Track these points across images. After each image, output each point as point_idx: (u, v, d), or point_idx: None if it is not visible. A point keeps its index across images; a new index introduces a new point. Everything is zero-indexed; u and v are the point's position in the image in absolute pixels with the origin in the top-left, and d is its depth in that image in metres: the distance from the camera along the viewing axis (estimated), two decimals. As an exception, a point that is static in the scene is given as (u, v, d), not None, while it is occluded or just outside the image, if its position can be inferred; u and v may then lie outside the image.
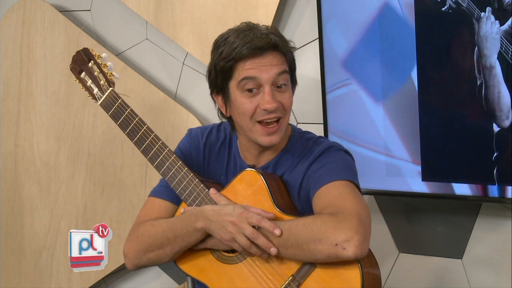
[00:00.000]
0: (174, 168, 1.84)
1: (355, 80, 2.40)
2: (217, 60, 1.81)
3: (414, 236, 2.48)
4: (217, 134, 1.95)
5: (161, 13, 2.79)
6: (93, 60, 1.97)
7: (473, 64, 2.16)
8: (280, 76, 1.78)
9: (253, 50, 1.76)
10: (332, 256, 1.61)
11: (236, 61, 1.77)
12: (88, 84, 1.97)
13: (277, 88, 1.79)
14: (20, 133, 3.05)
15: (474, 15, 2.14)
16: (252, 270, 1.73)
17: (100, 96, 1.95)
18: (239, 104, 1.79)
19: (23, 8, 3.02)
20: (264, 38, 1.78)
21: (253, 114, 1.78)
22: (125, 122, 1.91)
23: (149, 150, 1.88)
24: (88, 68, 1.97)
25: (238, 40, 1.77)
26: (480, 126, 2.19)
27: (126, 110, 1.92)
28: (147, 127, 1.89)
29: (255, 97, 1.78)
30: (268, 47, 1.77)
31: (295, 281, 1.67)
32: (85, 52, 1.99)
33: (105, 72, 1.95)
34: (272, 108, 1.76)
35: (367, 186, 2.32)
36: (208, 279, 1.77)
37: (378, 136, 2.37)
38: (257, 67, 1.76)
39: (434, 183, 2.29)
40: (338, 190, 1.73)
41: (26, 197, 3.05)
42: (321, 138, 1.90)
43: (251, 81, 1.77)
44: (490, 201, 2.24)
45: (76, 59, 2.00)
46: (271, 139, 1.79)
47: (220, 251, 1.77)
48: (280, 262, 1.70)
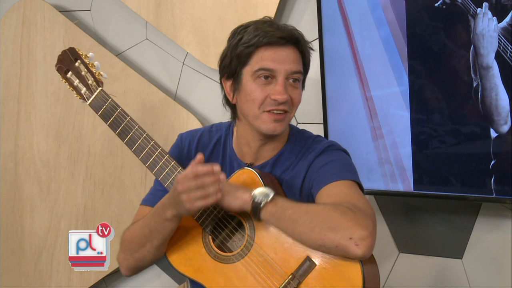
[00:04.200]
0: (167, 168, 1.83)
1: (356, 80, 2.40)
2: (235, 45, 1.81)
3: (414, 236, 2.48)
4: (209, 135, 1.95)
5: (161, 13, 2.79)
6: (79, 59, 1.94)
7: (469, 64, 2.10)
8: (294, 74, 1.81)
9: (276, 38, 1.78)
10: (340, 248, 1.60)
11: (256, 47, 1.78)
12: (75, 83, 1.94)
13: (290, 82, 1.80)
14: (20, 133, 3.05)
15: (469, 11, 2.06)
16: (250, 269, 1.72)
17: (88, 96, 1.92)
18: (250, 91, 1.80)
19: (23, 8, 3.02)
20: (287, 30, 1.81)
21: (262, 103, 1.79)
22: (116, 122, 1.89)
23: (141, 150, 1.86)
24: (75, 67, 1.94)
25: (260, 29, 1.80)
26: (476, 132, 2.13)
27: (116, 110, 1.89)
28: (138, 127, 1.87)
29: (267, 86, 1.79)
30: (290, 40, 1.80)
31: (295, 279, 1.66)
32: (71, 52, 1.96)
33: (93, 71, 1.93)
34: (282, 99, 1.77)
35: (367, 186, 2.31)
36: (204, 278, 1.76)
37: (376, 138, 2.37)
38: (275, 59, 1.78)
39: (434, 184, 2.28)
40: (347, 189, 1.73)
41: (26, 197, 3.05)
42: (319, 137, 1.91)
43: (267, 72, 1.78)
44: (490, 201, 2.22)
45: (62, 58, 1.97)
46: (275, 127, 1.80)
47: (217, 250, 1.77)
48: (280, 261, 1.70)
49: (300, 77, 1.83)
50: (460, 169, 2.21)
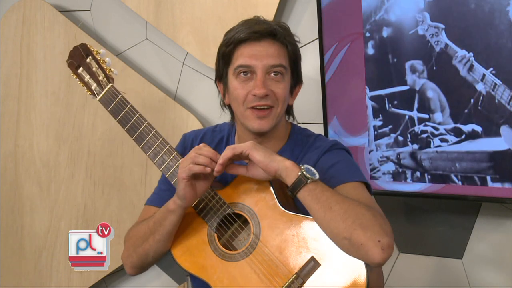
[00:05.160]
0: (175, 165, 1.83)
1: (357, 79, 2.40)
2: (219, 47, 1.84)
3: (414, 236, 2.48)
4: (212, 135, 1.96)
5: (161, 13, 2.79)
6: (91, 55, 1.95)
7: (470, 64, 2.13)
8: (274, 68, 1.79)
9: (251, 34, 1.78)
10: (364, 248, 1.58)
11: (234, 45, 1.79)
12: (86, 79, 1.95)
13: (272, 76, 1.80)
14: (20, 133, 3.05)
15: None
16: (254, 268, 1.72)
17: (99, 92, 1.93)
18: (233, 89, 1.82)
19: (23, 8, 3.02)
20: (264, 25, 1.81)
21: (244, 99, 1.80)
22: (125, 118, 1.90)
23: (149, 147, 1.87)
24: (86, 63, 1.95)
25: (239, 27, 1.82)
26: (477, 131, 2.15)
27: (126, 106, 1.91)
28: (147, 124, 1.88)
29: (248, 82, 1.80)
30: (266, 34, 1.79)
31: (299, 279, 1.66)
32: (83, 48, 1.97)
33: (104, 68, 1.94)
34: (261, 94, 1.77)
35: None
36: (209, 276, 1.75)
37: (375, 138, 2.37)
38: (252, 55, 1.78)
39: (434, 183, 2.28)
40: (364, 192, 1.73)
41: (26, 197, 3.05)
42: (321, 136, 1.91)
43: (245, 68, 1.79)
44: (490, 201, 2.23)
45: (74, 54, 1.98)
46: (261, 124, 1.80)
47: (222, 248, 1.77)
48: (284, 260, 1.69)
49: (282, 70, 1.81)
50: (460, 169, 2.21)
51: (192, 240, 1.80)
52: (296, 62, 1.86)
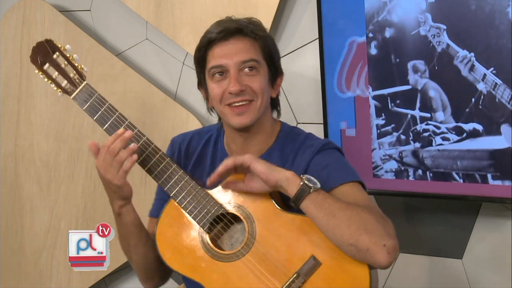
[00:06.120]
0: (162, 165, 1.80)
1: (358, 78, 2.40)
2: (194, 53, 1.86)
3: (414, 236, 2.48)
4: (199, 138, 1.96)
5: (161, 13, 2.79)
6: (58, 52, 1.87)
7: (471, 63, 2.14)
8: (246, 63, 1.80)
9: (217, 34, 1.79)
10: (370, 252, 1.59)
11: (205, 49, 1.82)
12: (54, 76, 1.86)
13: (246, 71, 1.81)
14: (20, 133, 3.05)
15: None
16: (252, 268, 1.70)
17: (72, 90, 1.84)
18: (211, 90, 1.83)
19: (23, 8, 3.02)
20: (231, 23, 1.82)
21: (221, 98, 1.81)
22: (103, 117, 1.81)
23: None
24: (53, 60, 1.86)
25: (210, 29, 1.83)
26: (478, 130, 2.16)
27: (104, 104, 1.81)
28: (129, 122, 1.81)
29: (223, 81, 1.81)
30: (233, 31, 1.80)
31: (300, 278, 1.65)
32: (49, 43, 1.87)
33: (75, 65, 1.85)
34: (235, 91, 1.78)
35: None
36: (201, 277, 1.73)
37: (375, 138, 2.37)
38: (223, 54, 1.79)
39: (434, 183, 2.28)
40: (361, 193, 1.74)
41: (26, 197, 3.05)
42: (311, 134, 1.90)
43: (219, 68, 1.80)
44: (490, 201, 2.23)
45: (38, 50, 1.88)
46: (241, 120, 1.80)
47: (215, 248, 1.75)
48: (283, 260, 1.68)
49: (255, 65, 1.81)
50: (462, 167, 2.22)
51: (183, 241, 1.78)
52: (270, 54, 1.85)
